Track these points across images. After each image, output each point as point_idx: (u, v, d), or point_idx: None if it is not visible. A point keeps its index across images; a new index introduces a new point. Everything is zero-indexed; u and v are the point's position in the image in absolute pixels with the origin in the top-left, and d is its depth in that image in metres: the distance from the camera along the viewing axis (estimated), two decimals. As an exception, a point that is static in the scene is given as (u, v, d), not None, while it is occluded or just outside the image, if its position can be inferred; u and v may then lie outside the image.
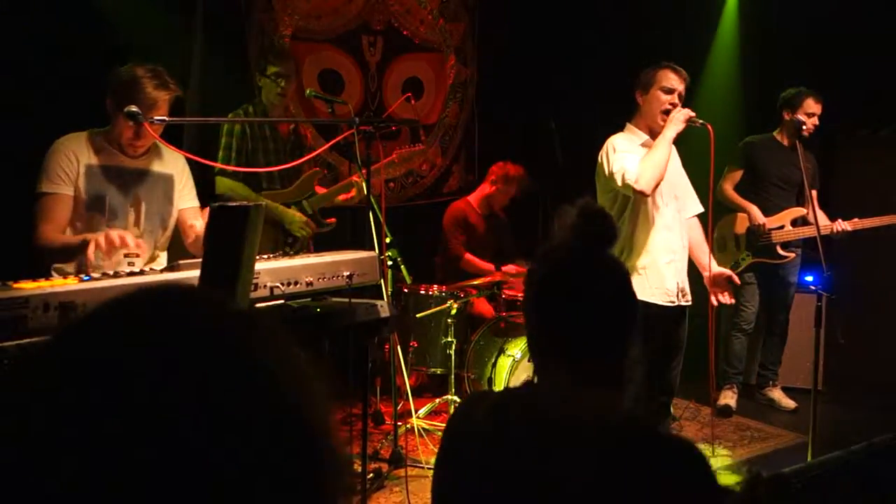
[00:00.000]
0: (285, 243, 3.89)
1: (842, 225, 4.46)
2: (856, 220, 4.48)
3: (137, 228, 2.81)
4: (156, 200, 2.87)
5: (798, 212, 4.71)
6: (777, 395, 4.93)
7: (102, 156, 2.74)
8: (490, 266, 5.14)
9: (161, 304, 0.60)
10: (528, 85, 5.97)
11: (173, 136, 2.80)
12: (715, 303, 3.51)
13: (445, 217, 5.28)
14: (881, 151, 5.43)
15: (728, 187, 4.89)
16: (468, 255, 5.17)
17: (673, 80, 3.42)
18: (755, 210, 4.71)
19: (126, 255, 2.65)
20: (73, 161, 2.68)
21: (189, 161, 2.99)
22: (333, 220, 4.12)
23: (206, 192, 3.76)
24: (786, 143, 4.77)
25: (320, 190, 4.15)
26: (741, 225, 4.80)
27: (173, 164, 2.93)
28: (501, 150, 5.31)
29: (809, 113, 4.60)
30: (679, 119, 3.32)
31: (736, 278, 3.58)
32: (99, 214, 2.73)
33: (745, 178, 4.87)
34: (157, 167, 2.87)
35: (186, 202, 3.00)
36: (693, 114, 3.35)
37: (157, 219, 2.88)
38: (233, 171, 3.76)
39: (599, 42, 5.65)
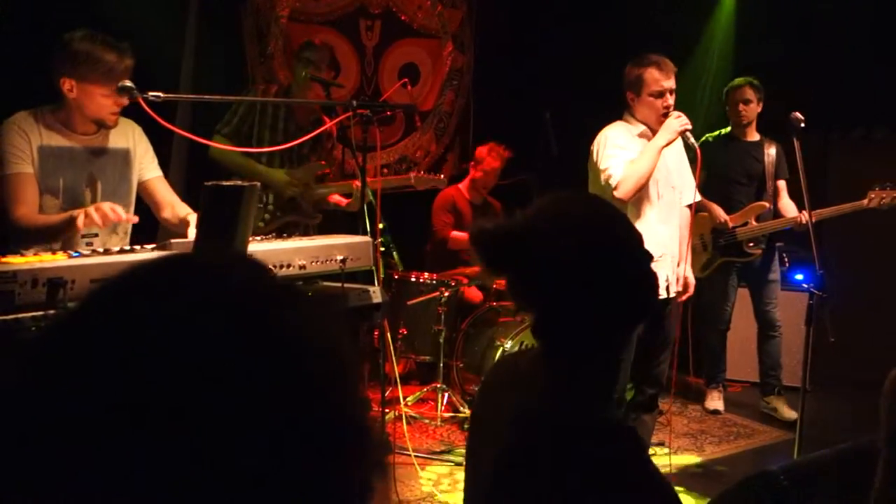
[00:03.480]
0: (264, 214, 3.83)
1: (805, 216, 4.20)
2: (817, 210, 4.26)
3: None
4: (112, 179, 2.76)
5: (760, 207, 4.58)
6: (780, 404, 4.73)
7: (54, 136, 2.62)
8: None
9: (202, 273, 0.58)
10: (524, 74, 5.93)
11: (166, 114, 2.72)
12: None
13: (434, 202, 5.23)
14: (876, 153, 5.42)
15: None
16: (453, 234, 5.10)
17: (660, 80, 3.32)
18: (716, 209, 4.58)
19: (83, 237, 2.57)
20: (26, 141, 2.57)
21: (181, 140, 2.92)
22: (319, 215, 4.06)
23: (199, 172, 3.71)
24: (745, 137, 4.69)
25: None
26: (706, 226, 4.67)
27: (126, 137, 2.81)
28: (496, 139, 5.26)
29: (738, 100, 4.59)
30: (673, 128, 3.27)
31: (689, 293, 3.54)
32: (53, 198, 2.62)
33: (709, 178, 4.65)
34: (110, 143, 2.76)
35: (149, 173, 2.88)
36: (689, 127, 3.30)
37: (115, 198, 2.74)
38: (231, 147, 3.68)
39: (596, 32, 5.61)
